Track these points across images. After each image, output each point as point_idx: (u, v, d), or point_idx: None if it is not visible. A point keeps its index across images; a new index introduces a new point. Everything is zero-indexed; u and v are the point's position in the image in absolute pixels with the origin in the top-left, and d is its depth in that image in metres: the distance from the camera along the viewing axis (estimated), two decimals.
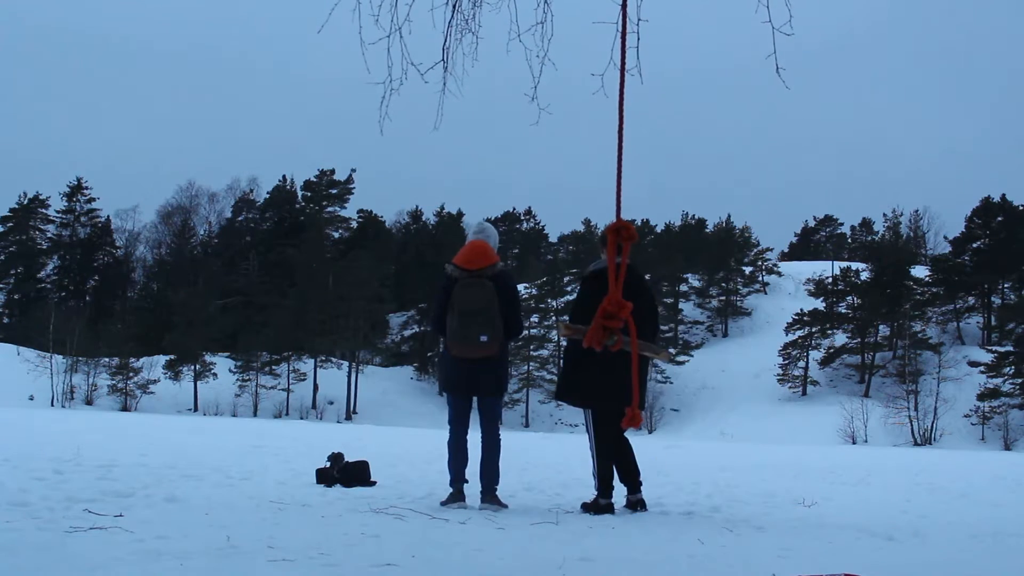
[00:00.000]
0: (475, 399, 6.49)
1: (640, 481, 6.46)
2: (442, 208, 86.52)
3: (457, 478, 6.30)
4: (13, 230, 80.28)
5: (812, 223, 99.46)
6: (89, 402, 58.93)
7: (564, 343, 6.75)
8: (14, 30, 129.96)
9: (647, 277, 6.72)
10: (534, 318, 72.34)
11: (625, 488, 6.45)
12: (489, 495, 6.26)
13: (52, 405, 54.13)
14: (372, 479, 7.71)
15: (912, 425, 54.71)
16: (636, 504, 6.37)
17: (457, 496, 6.25)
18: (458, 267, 6.36)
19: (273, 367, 64.25)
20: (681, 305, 78.01)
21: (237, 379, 63.60)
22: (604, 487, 6.30)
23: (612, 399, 6.09)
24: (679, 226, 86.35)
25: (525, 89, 5.02)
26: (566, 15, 4.99)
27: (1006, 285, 68.78)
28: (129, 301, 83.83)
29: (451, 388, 6.44)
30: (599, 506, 6.23)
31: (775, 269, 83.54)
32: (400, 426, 41.58)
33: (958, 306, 68.08)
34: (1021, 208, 67.66)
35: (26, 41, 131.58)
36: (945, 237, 78.16)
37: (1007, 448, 49.94)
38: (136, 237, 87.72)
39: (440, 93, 5.11)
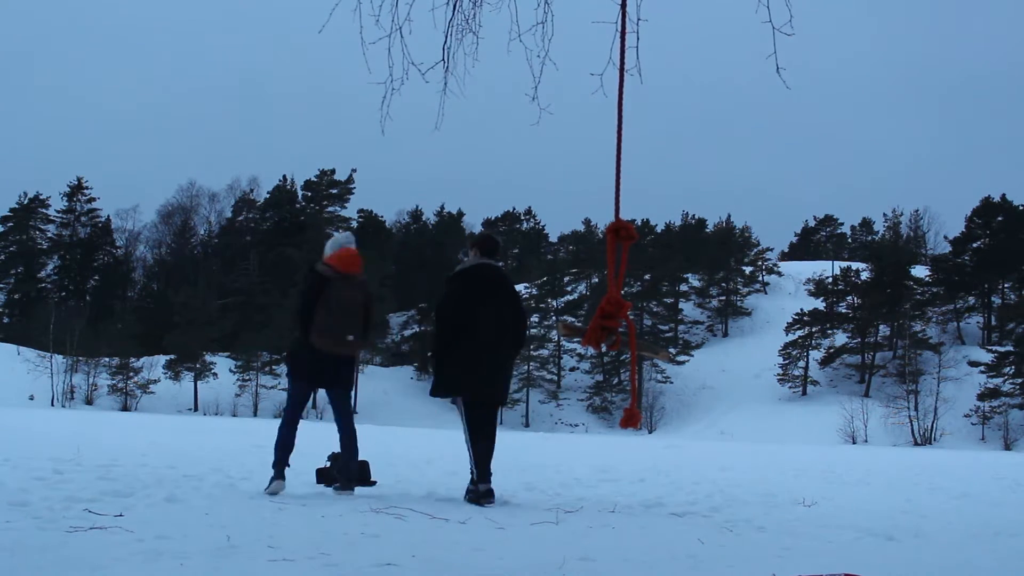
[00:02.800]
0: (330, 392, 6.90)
1: (491, 472, 6.53)
2: (442, 208, 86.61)
3: (281, 461, 6.65)
4: (13, 230, 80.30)
5: (812, 223, 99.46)
6: (89, 402, 58.94)
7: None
8: (16, 30, 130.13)
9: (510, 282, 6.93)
10: (534, 318, 72.34)
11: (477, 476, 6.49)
12: (347, 484, 6.63)
13: (52, 405, 54.15)
14: (372, 479, 7.71)
15: (912, 425, 54.72)
16: (484, 494, 6.37)
17: (279, 478, 6.58)
18: (333, 269, 6.79)
19: (273, 367, 64.25)
20: (681, 305, 78.01)
21: (237, 379, 63.62)
22: (482, 472, 6.44)
23: (482, 388, 6.53)
24: (679, 226, 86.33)
25: (526, 89, 5.02)
26: (566, 15, 4.99)
27: (1006, 285, 68.80)
28: (129, 301, 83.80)
29: (304, 377, 6.85)
30: (479, 492, 6.35)
31: (775, 269, 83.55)
32: (400, 426, 41.61)
33: (958, 306, 68.09)
34: (1021, 208, 67.68)
35: (27, 40, 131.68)
36: (945, 237, 78.23)
37: (1007, 448, 49.95)
38: (136, 237, 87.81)
39: (441, 93, 5.11)
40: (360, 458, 8.06)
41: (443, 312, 6.60)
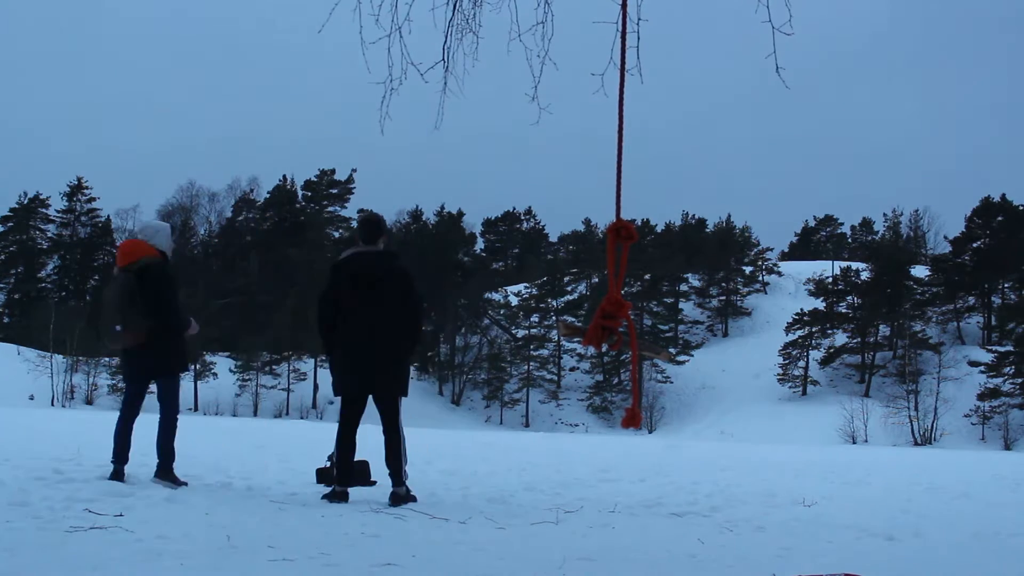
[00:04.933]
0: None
1: (404, 474, 6.49)
2: (442, 208, 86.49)
3: (119, 459, 6.66)
4: (13, 230, 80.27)
5: (812, 223, 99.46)
6: (89, 401, 58.90)
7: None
8: (16, 29, 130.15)
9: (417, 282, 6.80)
10: (534, 318, 72.32)
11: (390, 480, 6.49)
12: (163, 472, 6.61)
13: (52, 405, 54.12)
14: (372, 479, 7.70)
15: (912, 425, 54.72)
16: (396, 498, 6.33)
17: (117, 475, 6.58)
18: (116, 266, 6.88)
19: (273, 367, 64.24)
20: (681, 305, 78.01)
21: (237, 379, 63.57)
22: (341, 474, 6.52)
23: (360, 387, 6.59)
24: (679, 226, 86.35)
25: (525, 89, 5.01)
26: (566, 15, 4.99)
27: (1006, 285, 68.80)
28: None
29: (123, 375, 7.05)
30: (335, 493, 6.36)
31: (775, 269, 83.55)
32: None
33: (958, 306, 68.10)
34: (1021, 208, 67.69)
35: (27, 41, 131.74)
36: (945, 237, 78.20)
37: (1007, 448, 49.95)
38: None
39: (441, 93, 5.10)
40: (360, 458, 8.06)
41: (318, 309, 6.56)
